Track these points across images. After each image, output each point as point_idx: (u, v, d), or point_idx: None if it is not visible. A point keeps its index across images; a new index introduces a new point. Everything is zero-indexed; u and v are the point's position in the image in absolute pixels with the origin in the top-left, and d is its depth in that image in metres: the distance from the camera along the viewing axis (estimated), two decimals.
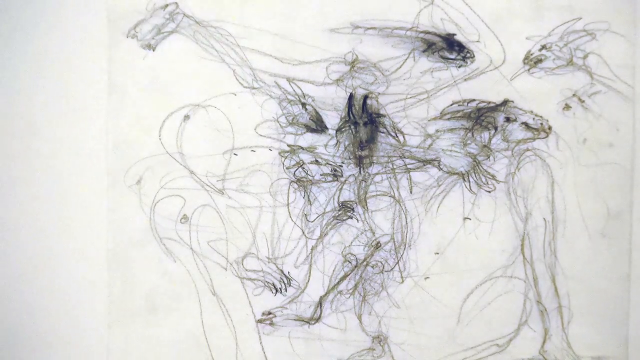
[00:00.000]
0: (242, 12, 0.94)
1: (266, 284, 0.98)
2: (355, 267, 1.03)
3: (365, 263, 1.03)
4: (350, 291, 0.99)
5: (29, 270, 0.98)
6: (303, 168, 1.00)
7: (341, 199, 1.02)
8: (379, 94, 1.00)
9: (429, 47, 0.98)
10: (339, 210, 0.98)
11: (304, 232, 1.03)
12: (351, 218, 1.00)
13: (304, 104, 0.97)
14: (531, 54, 1.01)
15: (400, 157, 0.99)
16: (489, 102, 1.02)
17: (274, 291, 0.99)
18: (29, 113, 0.95)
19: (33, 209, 0.95)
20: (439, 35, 0.97)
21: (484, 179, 0.98)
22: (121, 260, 0.96)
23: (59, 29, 0.94)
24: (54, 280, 1.00)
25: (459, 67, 0.99)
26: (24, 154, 0.96)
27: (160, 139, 0.95)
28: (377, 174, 1.00)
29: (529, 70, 1.00)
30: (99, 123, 0.94)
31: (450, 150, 0.98)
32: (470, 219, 1.00)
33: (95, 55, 0.94)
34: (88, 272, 0.99)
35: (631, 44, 0.95)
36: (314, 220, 1.03)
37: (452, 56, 1.01)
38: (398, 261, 1.03)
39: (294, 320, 1.01)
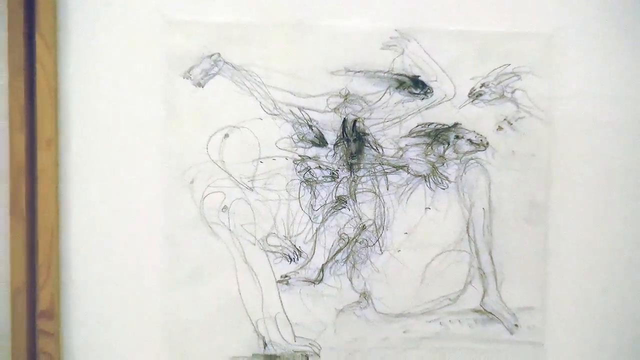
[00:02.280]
0: (265, 59, 1.11)
1: (283, 255, 1.14)
2: (347, 243, 1.14)
3: (354, 240, 1.14)
4: (344, 260, 1.14)
5: (106, 246, 1.13)
6: (310, 172, 1.14)
7: (337, 194, 1.14)
8: (365, 118, 1.13)
9: (401, 85, 1.12)
10: (335, 202, 1.14)
11: (310, 218, 1.14)
12: (345, 208, 1.14)
13: (310, 126, 1.13)
14: (474, 90, 1.12)
15: (380, 164, 1.13)
16: (444, 125, 1.13)
17: (289, 260, 1.14)
18: (112, 132, 1.12)
19: (112, 202, 1.13)
20: (408, 77, 1.12)
21: (440, 180, 1.14)
22: (177, 239, 1.13)
23: (133, 71, 1.11)
24: (125, 255, 1.13)
25: (422, 99, 1.12)
26: (106, 162, 1.13)
27: (207, 151, 1.11)
28: (363, 176, 1.14)
29: (472, 101, 1.12)
30: (162, 139, 1.12)
31: (416, 159, 1.13)
32: (430, 209, 1.14)
33: (159, 90, 1.11)
34: (151, 249, 1.14)
35: (546, 82, 1.12)
36: (317, 210, 1.14)
37: (417, 91, 1.12)
38: (378, 239, 1.14)
39: (303, 281, 1.14)
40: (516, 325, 1.14)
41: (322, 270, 1.14)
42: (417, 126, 1.12)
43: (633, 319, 1.14)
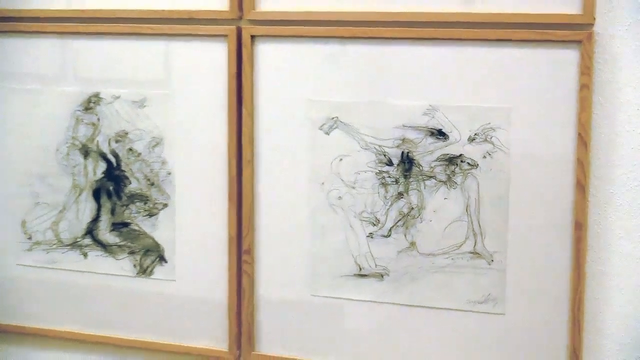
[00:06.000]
0: (360, 119, 1.63)
1: (370, 222, 1.65)
2: (404, 216, 1.63)
3: (407, 215, 1.62)
4: (402, 225, 1.63)
5: (278, 217, 1.74)
6: (384, 179, 1.62)
7: (398, 191, 1.62)
8: (413, 151, 1.58)
9: (432, 134, 1.57)
10: (397, 195, 1.60)
11: (384, 203, 1.64)
12: (402, 198, 1.61)
13: (384, 155, 1.63)
14: (471, 137, 1.53)
15: (421, 175, 1.59)
16: (454, 155, 1.57)
17: (373, 225, 1.65)
18: (294, 159, 1.72)
19: (285, 196, 1.76)
20: (436, 129, 1.56)
21: (452, 184, 1.58)
22: (315, 214, 1.71)
23: (294, 126, 1.69)
24: (288, 221, 1.74)
25: (443, 141, 1.56)
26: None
27: (331, 167, 1.67)
28: (412, 181, 1.62)
29: (469, 143, 1.54)
30: (309, 161, 1.70)
31: (440, 173, 1.58)
32: (447, 199, 1.59)
33: (307, 136, 1.68)
34: (302, 218, 1.75)
35: (508, 133, 1.49)
36: (388, 199, 1.63)
37: (441, 137, 1.55)
38: (419, 214, 1.62)
39: (381, 236, 1.66)
40: (492, 260, 1.56)
41: (390, 230, 1.63)
42: (440, 155, 1.58)
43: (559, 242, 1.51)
